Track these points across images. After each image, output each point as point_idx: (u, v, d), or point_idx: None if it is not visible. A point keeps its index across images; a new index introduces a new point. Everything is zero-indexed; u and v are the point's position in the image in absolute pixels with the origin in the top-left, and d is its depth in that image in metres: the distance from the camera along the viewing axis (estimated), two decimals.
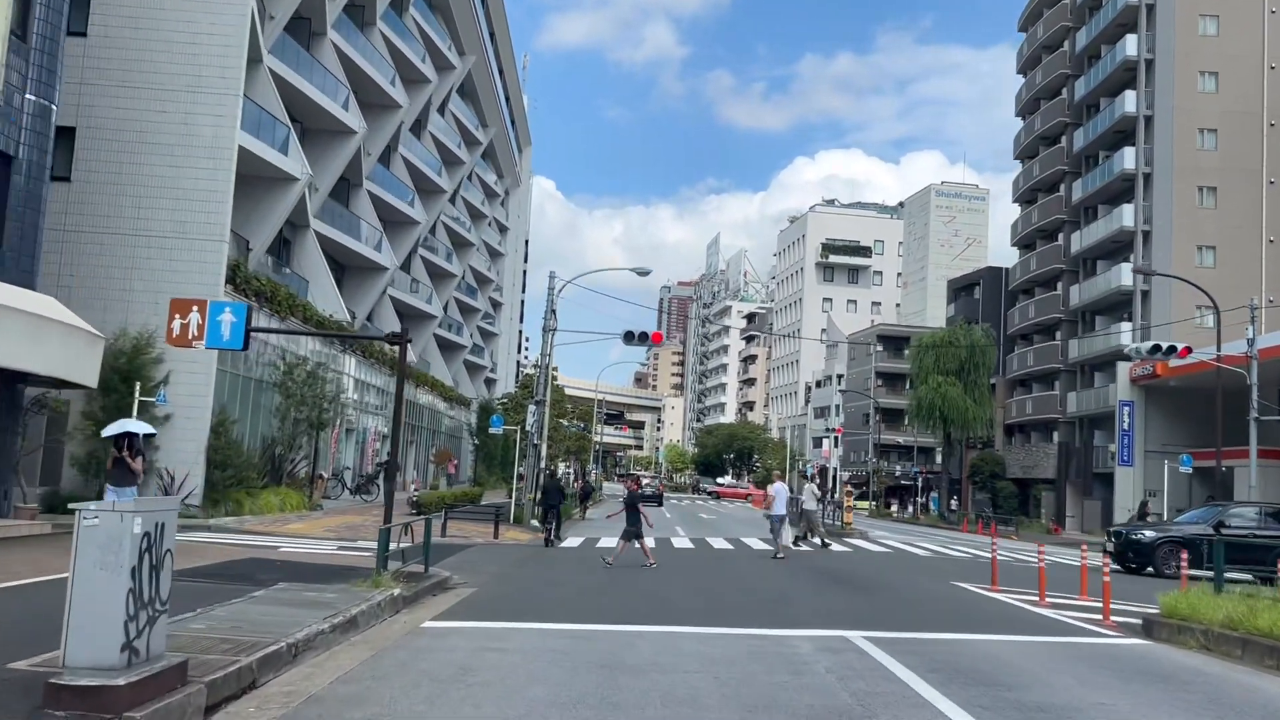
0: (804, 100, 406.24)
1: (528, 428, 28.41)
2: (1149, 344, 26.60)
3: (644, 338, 28.20)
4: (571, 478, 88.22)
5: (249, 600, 10.32)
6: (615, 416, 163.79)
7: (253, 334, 26.06)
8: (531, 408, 28.40)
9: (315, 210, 33.96)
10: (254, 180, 28.17)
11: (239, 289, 24.16)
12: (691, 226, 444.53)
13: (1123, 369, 45.99)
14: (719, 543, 25.51)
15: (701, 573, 17.31)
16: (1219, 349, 29.27)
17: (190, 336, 13.15)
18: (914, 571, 19.02)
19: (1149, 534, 21.85)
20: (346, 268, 40.23)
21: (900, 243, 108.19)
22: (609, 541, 24.86)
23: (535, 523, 28.46)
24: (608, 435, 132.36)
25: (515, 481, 30.17)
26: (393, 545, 14.17)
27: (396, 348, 41.06)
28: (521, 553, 20.92)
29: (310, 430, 28.00)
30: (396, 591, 11.63)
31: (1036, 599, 14.13)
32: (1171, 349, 26.40)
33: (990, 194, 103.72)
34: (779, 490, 22.09)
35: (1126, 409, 45.66)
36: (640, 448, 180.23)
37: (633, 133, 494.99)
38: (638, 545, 18.16)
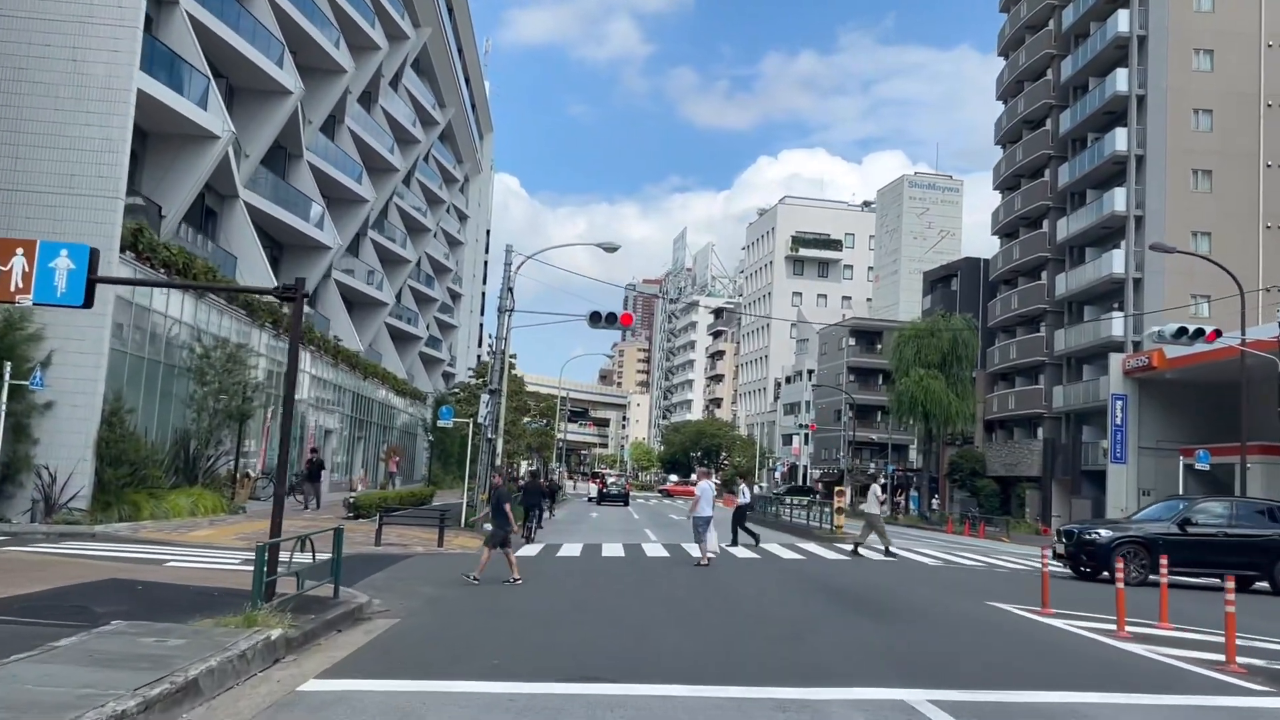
0: (767, 99, 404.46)
1: (480, 420, 25.17)
2: (1174, 326, 23.88)
3: (612, 319, 25.12)
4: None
5: (41, 655, 7.09)
6: (580, 414, 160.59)
7: (155, 309, 22.75)
8: (484, 397, 25.14)
9: (245, 179, 30.53)
10: (167, 138, 24.80)
11: (143, 257, 20.77)
12: (656, 224, 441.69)
13: (1115, 360, 43.50)
14: (696, 550, 22.39)
15: (684, 590, 14.24)
16: (1243, 333, 26.64)
17: (13, 288, 9.86)
18: (934, 587, 16.05)
19: (1105, 533, 18.70)
20: (285, 246, 36.78)
21: (871, 236, 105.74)
22: (571, 549, 21.74)
23: (488, 527, 25.28)
24: (572, 433, 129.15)
25: (467, 481, 26.94)
26: (296, 559, 10.99)
27: (338, 338, 37.47)
28: (468, 565, 17.73)
29: (231, 422, 24.63)
30: (276, 634, 8.44)
31: (1112, 628, 11.19)
32: (1199, 332, 23.74)
33: (962, 187, 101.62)
34: (704, 490, 19.02)
35: (1119, 402, 43.14)
36: (605, 445, 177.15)
37: (597, 130, 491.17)
38: (503, 553, 14.53)
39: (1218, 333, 24.17)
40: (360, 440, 44.06)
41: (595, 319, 25.18)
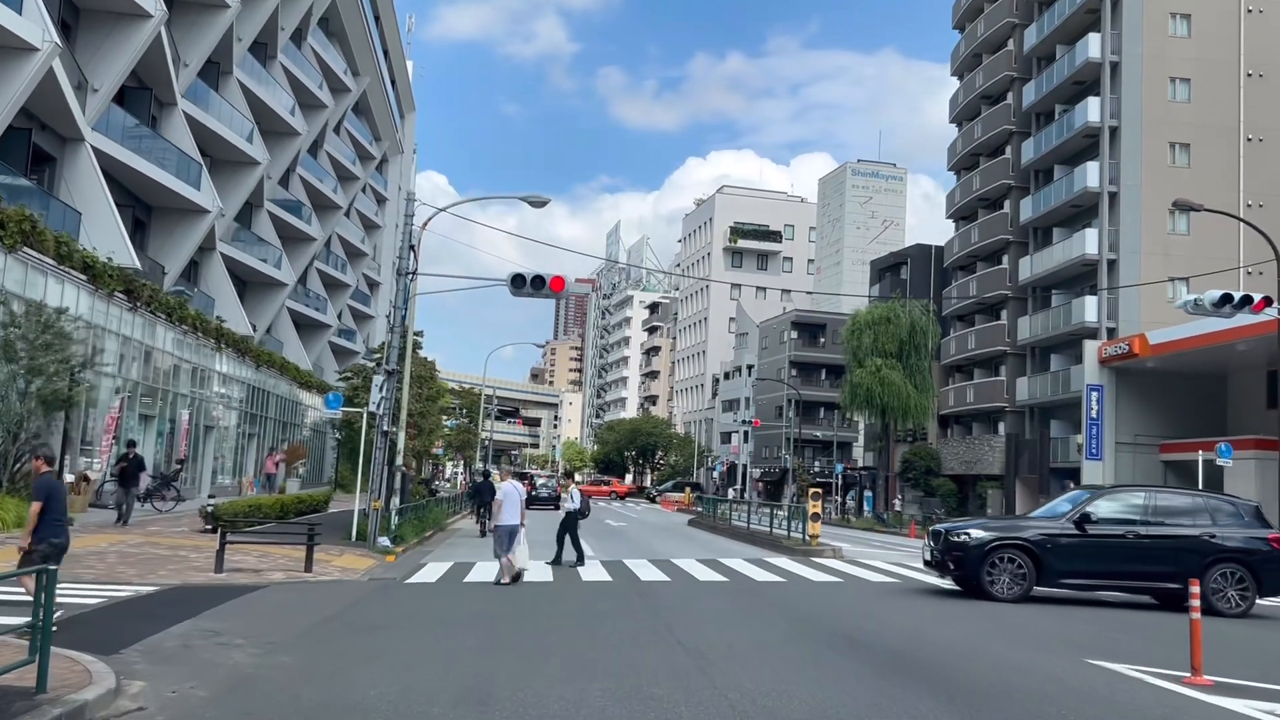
0: (696, 100, 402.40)
1: (372, 407, 20.18)
2: (1218, 293, 19.83)
3: (539, 283, 20.32)
4: (459, 478, 79.49)
5: None
6: (510, 413, 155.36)
7: None
8: (378, 379, 20.14)
9: (93, 118, 25.12)
10: None
11: None
12: (586, 224, 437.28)
13: (1090, 348, 39.88)
14: (645, 569, 17.74)
15: (642, 647, 9.54)
16: None
17: None
18: (989, 630, 11.55)
19: (976, 534, 14.49)
20: (154, 209, 31.30)
21: (811, 227, 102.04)
22: (485, 569, 16.88)
23: (386, 541, 20.36)
24: (500, 432, 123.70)
25: (359, 483, 21.96)
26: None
27: (222, 319, 32.15)
28: (337, 599, 12.85)
29: (52, 412, 19.36)
30: None
31: None
32: (1247, 300, 19.73)
33: (906, 175, 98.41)
34: (508, 493, 15.47)
35: (1095, 394, 39.54)
36: (537, 446, 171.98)
37: (525, 129, 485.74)
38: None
39: (1268, 300, 20.15)
40: (252, 438, 38.58)
41: (519, 283, 20.38)
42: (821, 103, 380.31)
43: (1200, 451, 25.65)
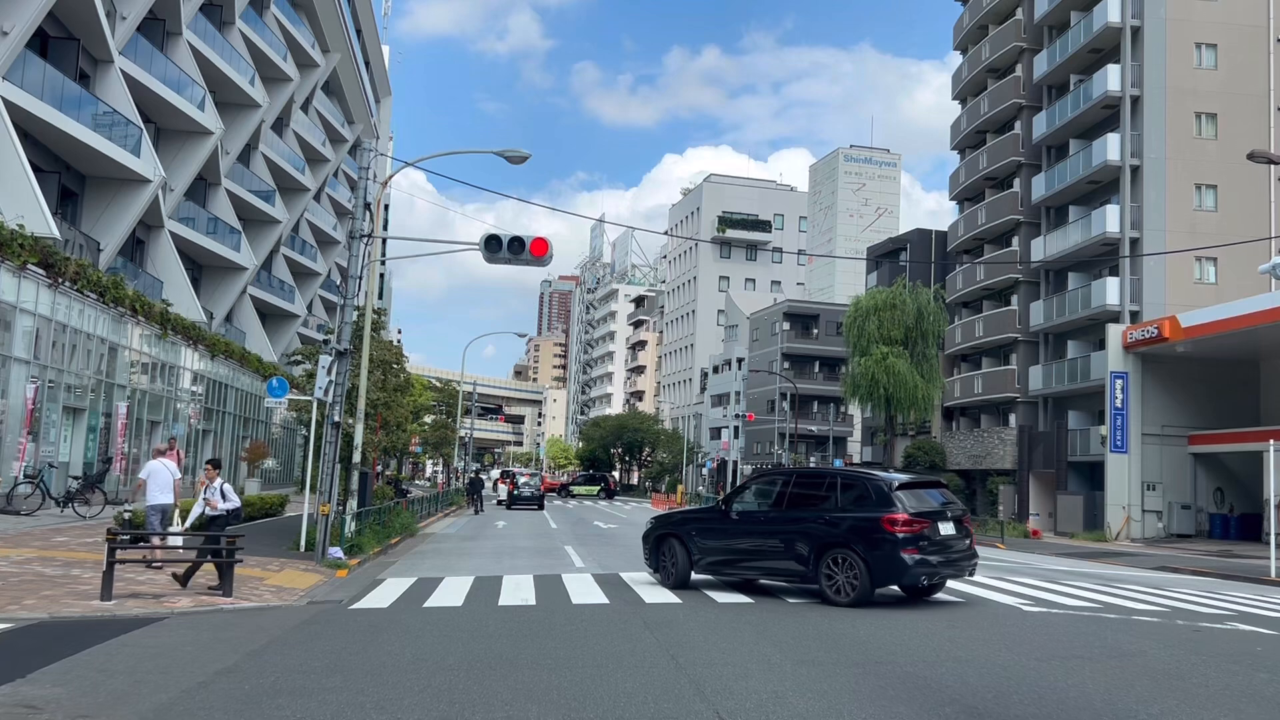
0: (673, 96, 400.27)
1: (319, 393, 17.02)
2: None
3: (518, 246, 17.18)
4: (439, 475, 76.55)
5: None
6: (492, 410, 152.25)
7: None
8: (324, 360, 16.97)
9: (3, 66, 21.83)
10: None
11: None
12: (565, 221, 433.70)
13: (1114, 332, 37.06)
14: (649, 588, 14.55)
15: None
16: None
17: None
18: (1138, 689, 8.52)
19: (650, 521, 15.15)
20: (87, 178, 27.98)
21: (802, 217, 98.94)
22: (454, 586, 13.67)
23: (338, 553, 17.22)
24: (483, 429, 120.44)
25: (309, 483, 18.79)
26: None
27: (169, 303, 28.91)
28: (252, 637, 9.69)
29: None
30: None
31: None
32: None
33: (900, 162, 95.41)
34: (154, 472, 13.74)
35: (1119, 381, 36.73)
36: (520, 443, 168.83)
37: (501, 125, 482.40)
38: None
39: None
40: (208, 434, 35.29)
41: (493, 246, 17.25)
42: (801, 99, 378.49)
43: (1272, 441, 22.74)
